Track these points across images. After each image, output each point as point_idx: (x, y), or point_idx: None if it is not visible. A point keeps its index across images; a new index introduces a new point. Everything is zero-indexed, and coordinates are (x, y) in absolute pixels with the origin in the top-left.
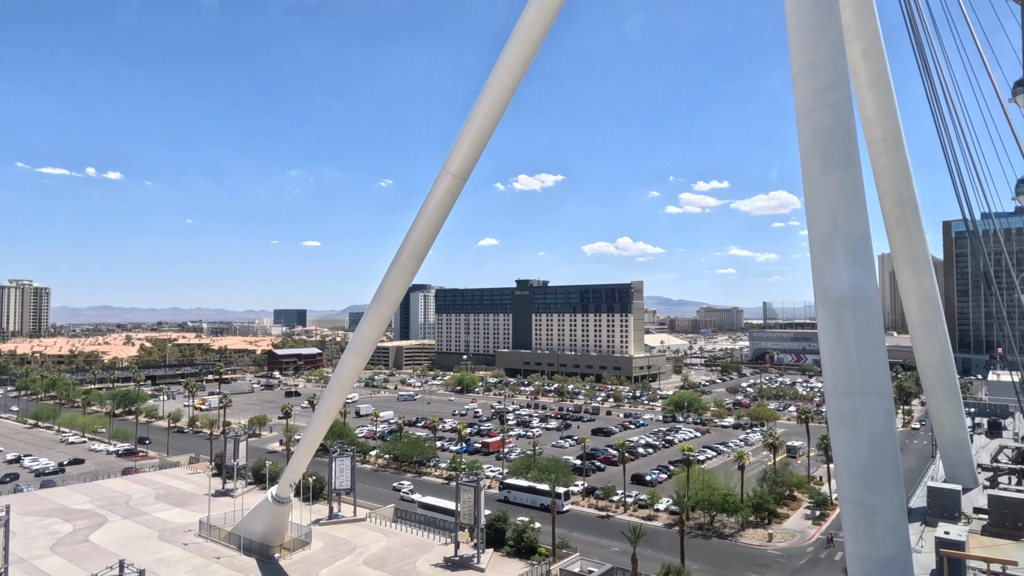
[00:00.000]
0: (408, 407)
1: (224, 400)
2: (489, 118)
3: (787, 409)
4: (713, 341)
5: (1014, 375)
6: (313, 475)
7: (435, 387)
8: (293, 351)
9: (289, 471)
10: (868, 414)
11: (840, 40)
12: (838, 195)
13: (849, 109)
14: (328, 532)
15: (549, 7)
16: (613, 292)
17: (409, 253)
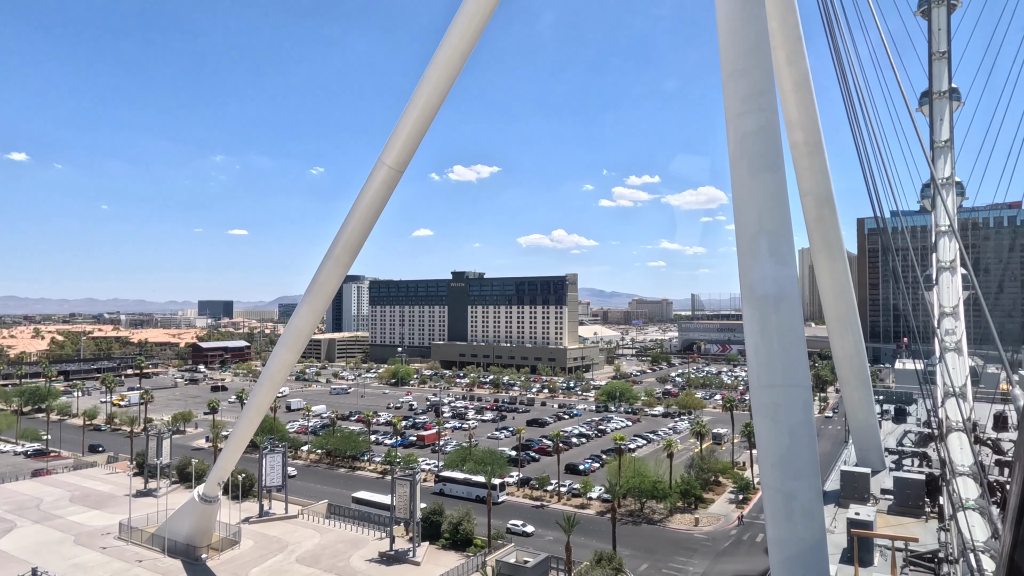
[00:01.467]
0: (341, 401)
1: (145, 396)
2: (426, 111)
3: (713, 398)
4: (644, 332)
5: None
6: (242, 472)
7: (369, 380)
8: (219, 344)
9: (217, 469)
10: (788, 406)
11: (766, 47)
12: (764, 197)
13: (774, 114)
14: (258, 530)
15: (486, 2)
16: (548, 284)
17: (344, 246)
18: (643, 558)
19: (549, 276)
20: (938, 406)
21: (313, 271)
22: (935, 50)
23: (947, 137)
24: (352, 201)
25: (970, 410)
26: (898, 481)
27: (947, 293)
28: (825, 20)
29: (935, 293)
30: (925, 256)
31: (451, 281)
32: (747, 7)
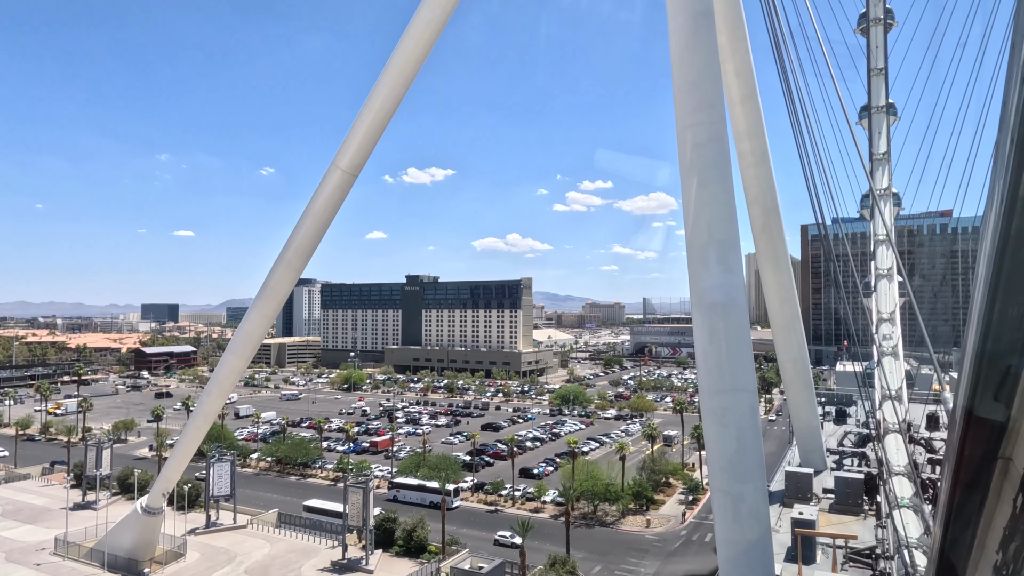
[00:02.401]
0: (292, 407)
1: (83, 404)
2: (381, 115)
3: (664, 400)
4: (597, 335)
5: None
6: (189, 482)
7: (320, 385)
8: (164, 349)
9: (162, 479)
10: (736, 410)
11: (716, 60)
12: (713, 207)
13: (723, 126)
14: (205, 542)
15: (443, 7)
16: (503, 288)
17: (296, 250)
18: (596, 560)
19: (504, 280)
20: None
21: (263, 274)
22: (873, 67)
23: (885, 150)
24: (304, 203)
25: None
26: (839, 481)
27: (884, 300)
28: (772, 36)
29: (873, 299)
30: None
31: (405, 285)
32: (698, 21)
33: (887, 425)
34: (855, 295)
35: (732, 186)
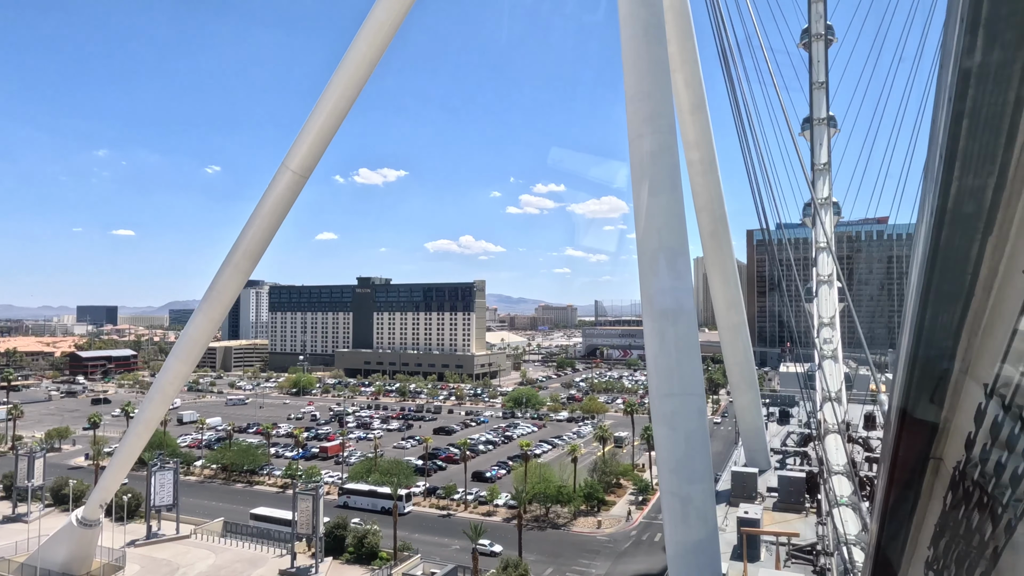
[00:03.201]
0: (238, 412)
1: (13, 411)
2: (333, 116)
3: (615, 402)
4: (550, 338)
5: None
6: (128, 492)
7: (268, 390)
8: (102, 353)
9: (99, 490)
10: (684, 413)
11: (666, 71)
12: (663, 215)
13: (673, 136)
14: (146, 553)
15: (397, 10)
16: (456, 291)
17: (244, 252)
18: (548, 563)
19: (457, 283)
20: (817, 409)
21: (208, 276)
22: (815, 80)
23: (825, 160)
24: (252, 203)
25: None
26: (782, 480)
27: (825, 305)
28: (719, 48)
29: (815, 304)
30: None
31: (356, 287)
32: (649, 33)
33: (827, 426)
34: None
35: (682, 194)
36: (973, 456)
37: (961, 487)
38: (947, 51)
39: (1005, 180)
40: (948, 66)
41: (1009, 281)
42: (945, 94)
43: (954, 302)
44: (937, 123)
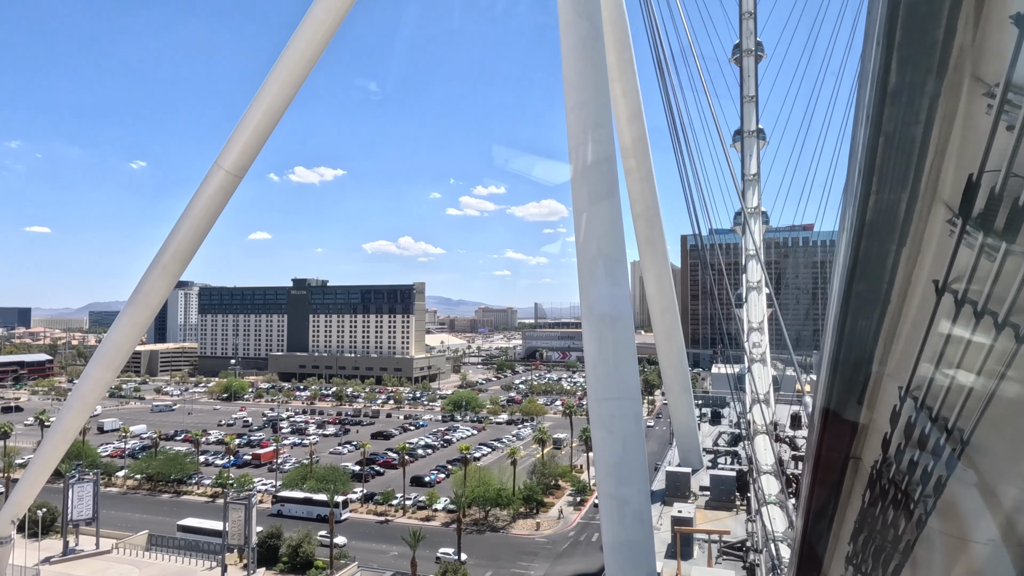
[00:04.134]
0: (165, 419)
1: None
2: (269, 115)
3: (554, 404)
4: (490, 340)
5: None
6: (43, 506)
7: (198, 395)
8: (13, 358)
9: (11, 504)
10: (621, 417)
11: (605, 82)
12: (601, 223)
13: (612, 145)
14: (62, 571)
15: (338, 8)
16: (395, 293)
17: (173, 254)
18: (487, 566)
19: (396, 285)
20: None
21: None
22: (745, 94)
23: (755, 171)
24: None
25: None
26: (714, 479)
27: (754, 310)
28: (655, 60)
29: (745, 310)
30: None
31: (291, 288)
32: (588, 44)
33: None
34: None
35: (619, 203)
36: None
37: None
38: (865, 72)
39: (917, 194)
40: (866, 86)
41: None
42: (864, 112)
43: (872, 309)
44: (856, 140)
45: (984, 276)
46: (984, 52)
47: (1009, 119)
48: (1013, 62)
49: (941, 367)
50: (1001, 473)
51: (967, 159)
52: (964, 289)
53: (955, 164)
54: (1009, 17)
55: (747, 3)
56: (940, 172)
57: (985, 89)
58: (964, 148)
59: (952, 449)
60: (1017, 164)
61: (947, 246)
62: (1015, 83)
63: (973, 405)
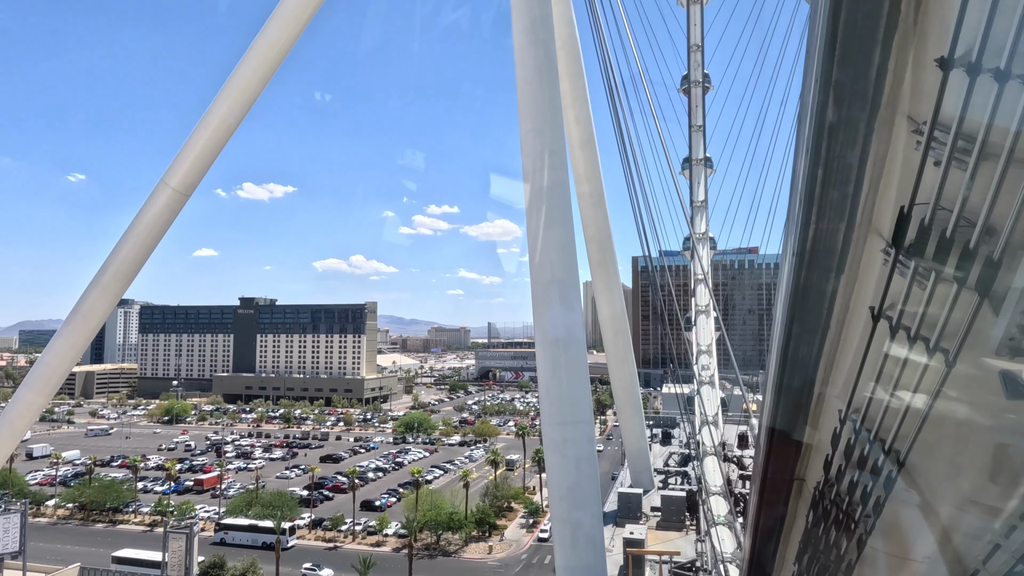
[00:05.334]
0: (101, 444)
1: None
2: (220, 132)
3: (507, 424)
4: (443, 360)
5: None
6: None
7: (137, 418)
8: None
9: None
10: (575, 441)
11: (559, 108)
12: (555, 248)
13: (565, 172)
14: None
15: (292, 27)
16: (347, 312)
17: (115, 273)
18: None
19: (347, 304)
20: (696, 431)
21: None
22: (693, 123)
23: (703, 198)
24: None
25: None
26: (664, 499)
27: (703, 333)
28: (607, 89)
29: (694, 332)
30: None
31: (239, 307)
32: (543, 73)
33: (705, 448)
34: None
35: (573, 228)
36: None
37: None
38: (804, 107)
39: (854, 225)
40: (806, 120)
41: (858, 316)
42: (804, 145)
43: (813, 334)
44: (797, 171)
45: (916, 303)
46: (913, 92)
47: (936, 155)
48: (938, 102)
49: (878, 390)
50: (936, 492)
51: (899, 192)
52: (898, 315)
53: (888, 196)
54: (934, 60)
55: (695, 36)
56: (875, 204)
57: (914, 126)
58: (896, 181)
59: (890, 470)
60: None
61: (882, 274)
62: (941, 122)
63: (909, 426)
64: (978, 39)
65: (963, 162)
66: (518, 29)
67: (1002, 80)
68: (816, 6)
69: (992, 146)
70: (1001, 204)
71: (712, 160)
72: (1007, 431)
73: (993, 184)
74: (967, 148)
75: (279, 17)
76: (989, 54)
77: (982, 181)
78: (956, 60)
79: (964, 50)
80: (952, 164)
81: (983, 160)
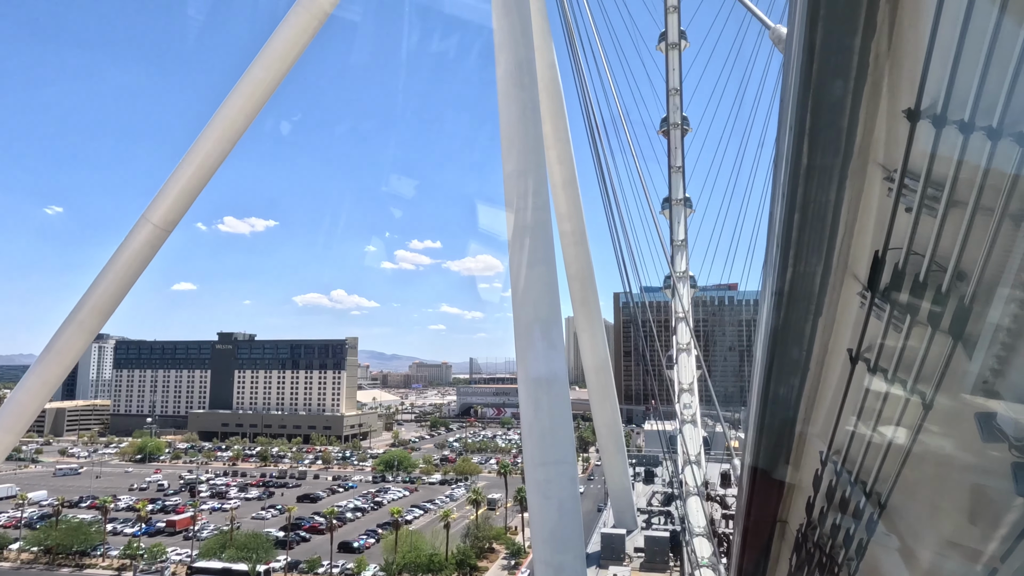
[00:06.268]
0: (70, 484)
1: None
2: (203, 169)
3: (489, 462)
4: (424, 396)
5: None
6: None
7: (108, 457)
8: None
9: None
10: (557, 482)
11: (542, 150)
12: (538, 287)
13: (547, 212)
14: None
15: (277, 68)
16: (327, 348)
17: (92, 309)
18: None
19: (327, 339)
20: (679, 471)
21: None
22: (673, 164)
23: (683, 237)
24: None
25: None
26: (648, 539)
27: (684, 371)
28: (588, 130)
29: (675, 370)
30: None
31: (217, 343)
32: (526, 115)
33: (688, 488)
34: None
35: (555, 266)
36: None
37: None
38: (780, 153)
39: (831, 268)
40: (782, 165)
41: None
42: (780, 189)
43: (793, 375)
44: (774, 214)
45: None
46: (883, 141)
47: (907, 202)
48: (907, 151)
49: (858, 432)
50: (918, 535)
51: (873, 237)
52: (876, 357)
53: (863, 241)
54: (902, 111)
55: (673, 80)
56: (851, 248)
57: (886, 174)
58: (870, 226)
59: (871, 512)
60: (917, 243)
61: (859, 317)
62: (911, 170)
63: (889, 468)
64: (943, 91)
65: (933, 209)
66: (502, 73)
67: (967, 132)
68: (789, 56)
69: (960, 194)
70: (970, 250)
71: (691, 200)
72: (984, 473)
73: (962, 231)
74: (936, 195)
75: (266, 57)
76: (954, 106)
77: (951, 227)
78: (923, 111)
79: (930, 102)
80: (923, 211)
81: (952, 207)
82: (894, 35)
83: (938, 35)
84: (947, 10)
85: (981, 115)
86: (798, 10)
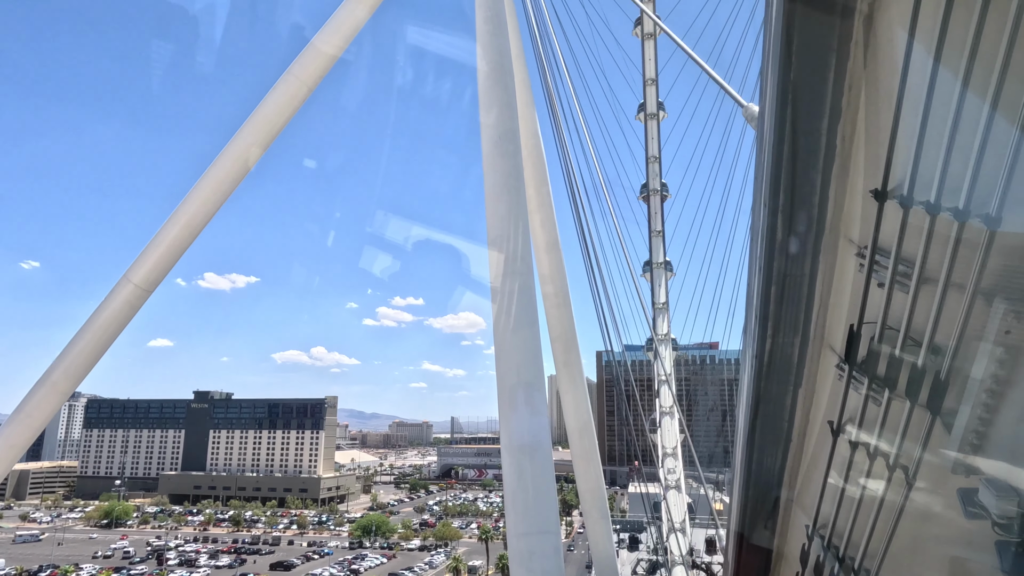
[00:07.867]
0: (29, 551)
1: None
2: (188, 230)
3: (470, 526)
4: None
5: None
6: None
7: (72, 522)
8: None
9: None
10: (541, 553)
11: (525, 215)
12: (521, 351)
13: (531, 276)
14: None
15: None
16: (305, 407)
17: (66, 370)
18: None
19: (306, 398)
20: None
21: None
22: (653, 229)
23: (664, 300)
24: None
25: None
26: None
27: (668, 435)
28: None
29: (659, 434)
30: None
31: (192, 401)
32: (510, 182)
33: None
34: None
35: (538, 329)
36: None
37: None
38: (756, 228)
39: (808, 340)
40: (757, 240)
41: (818, 429)
42: (756, 263)
43: (775, 447)
44: (752, 288)
45: (872, 419)
46: (854, 218)
47: (879, 277)
48: (876, 229)
49: (843, 506)
50: None
51: (849, 310)
52: (856, 430)
53: (838, 314)
54: (869, 191)
55: (652, 148)
56: (827, 321)
57: (857, 250)
58: (845, 300)
59: None
60: (891, 317)
61: (838, 389)
62: (881, 247)
63: (876, 546)
64: (908, 173)
65: (905, 285)
66: (487, 140)
67: (933, 212)
68: (761, 135)
69: (930, 271)
70: (944, 325)
71: (672, 264)
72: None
73: (934, 307)
74: (907, 272)
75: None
76: (920, 187)
77: (924, 303)
78: (890, 191)
79: (896, 183)
80: (895, 286)
81: (923, 284)
82: (859, 119)
83: (901, 120)
84: (909, 96)
85: (947, 196)
86: (768, 93)
